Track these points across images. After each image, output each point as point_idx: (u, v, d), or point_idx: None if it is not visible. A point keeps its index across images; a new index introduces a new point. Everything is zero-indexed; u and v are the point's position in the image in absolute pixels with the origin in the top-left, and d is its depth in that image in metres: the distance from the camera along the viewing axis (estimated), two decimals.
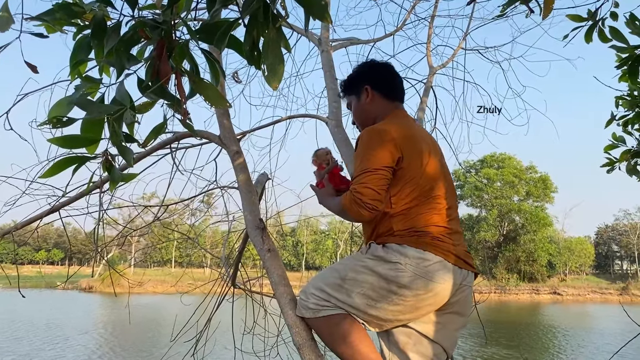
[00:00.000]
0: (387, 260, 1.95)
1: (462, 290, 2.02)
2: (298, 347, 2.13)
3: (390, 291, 1.93)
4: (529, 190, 62.57)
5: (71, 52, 1.51)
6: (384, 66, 2.36)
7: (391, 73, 2.34)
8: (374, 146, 2.00)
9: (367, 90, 2.28)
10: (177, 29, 1.42)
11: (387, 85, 2.29)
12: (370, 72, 2.33)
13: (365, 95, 2.29)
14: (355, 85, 2.34)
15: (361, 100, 2.30)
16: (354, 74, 2.37)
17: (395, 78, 2.34)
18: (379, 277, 1.95)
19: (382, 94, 2.28)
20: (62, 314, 28.80)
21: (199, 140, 3.13)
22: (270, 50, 1.26)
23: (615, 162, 4.07)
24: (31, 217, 2.61)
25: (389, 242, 2.00)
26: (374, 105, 2.28)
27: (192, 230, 4.61)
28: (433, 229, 1.99)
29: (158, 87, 1.37)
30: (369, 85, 2.28)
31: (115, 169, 1.48)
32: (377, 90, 2.28)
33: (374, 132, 2.05)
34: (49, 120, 1.34)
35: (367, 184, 1.94)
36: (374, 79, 2.29)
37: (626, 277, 67.04)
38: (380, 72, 2.32)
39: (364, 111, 2.31)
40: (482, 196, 62.52)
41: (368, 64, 2.39)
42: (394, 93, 2.30)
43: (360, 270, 1.99)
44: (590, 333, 25.92)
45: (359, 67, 2.39)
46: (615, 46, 2.82)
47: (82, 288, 52.55)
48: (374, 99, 2.28)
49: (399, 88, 2.34)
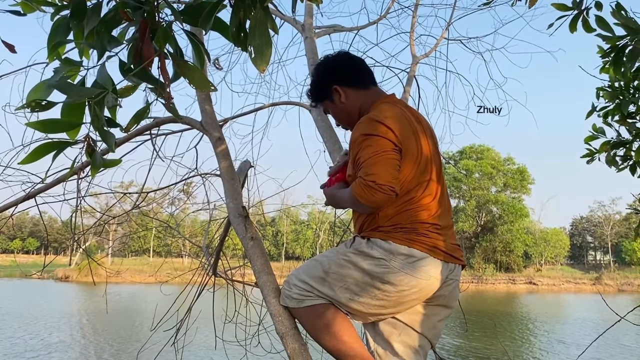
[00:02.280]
0: (371, 256, 1.93)
1: (448, 284, 2.00)
2: (281, 336, 2.12)
3: (374, 286, 1.91)
4: (506, 181, 63.48)
5: (49, 33, 1.46)
6: (341, 58, 2.24)
7: (350, 61, 2.23)
8: (372, 134, 1.91)
9: (337, 89, 2.17)
10: (160, 10, 1.38)
11: (353, 76, 2.18)
12: (331, 70, 2.21)
13: (337, 95, 2.18)
14: (323, 90, 2.22)
15: (336, 101, 2.19)
16: (317, 80, 2.25)
17: (356, 64, 2.23)
18: (363, 272, 1.93)
19: (353, 87, 2.17)
20: (38, 303, 28.39)
21: (180, 127, 3.08)
22: (257, 31, 1.23)
23: (595, 153, 4.12)
24: (5, 204, 2.53)
25: (373, 236, 1.96)
26: (351, 101, 2.17)
27: (171, 219, 4.55)
28: (419, 225, 1.94)
29: (141, 69, 1.33)
30: (336, 84, 2.17)
31: (97, 154, 1.43)
32: (346, 85, 2.16)
33: (368, 122, 1.96)
34: (28, 104, 1.29)
35: (376, 166, 1.83)
36: (338, 75, 2.17)
37: (599, 267, 68.67)
38: (340, 66, 2.20)
39: (344, 111, 2.20)
40: (460, 187, 63.21)
41: (324, 64, 2.26)
42: (363, 79, 2.19)
43: (344, 265, 1.97)
44: (567, 322, 26.48)
45: (318, 72, 2.27)
46: (601, 35, 2.83)
47: (58, 277, 51.87)
48: (347, 95, 2.16)
49: (366, 71, 2.23)
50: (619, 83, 3.75)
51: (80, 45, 1.47)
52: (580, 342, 18.89)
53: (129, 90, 1.52)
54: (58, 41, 1.44)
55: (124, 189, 19.87)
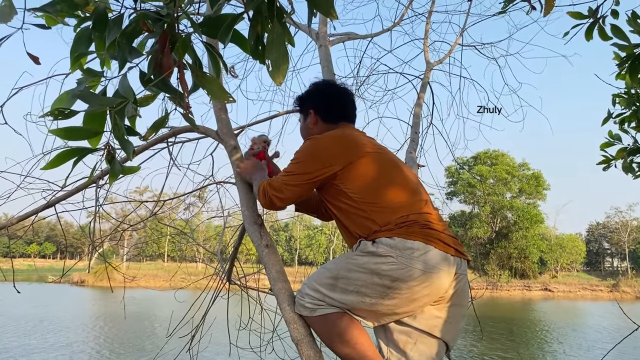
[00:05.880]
0: (378, 254, 1.95)
1: (459, 280, 2.01)
2: (296, 343, 2.13)
3: (384, 286, 1.93)
4: (521, 187, 62.85)
5: (72, 44, 1.50)
6: (332, 91, 2.47)
7: (339, 97, 2.45)
8: (307, 154, 2.16)
9: (312, 114, 2.42)
10: (179, 22, 1.41)
11: (331, 112, 2.42)
12: (317, 97, 2.46)
13: (310, 118, 2.43)
14: (303, 106, 2.49)
15: (307, 121, 2.46)
16: (305, 95, 2.51)
17: (342, 102, 2.44)
18: (371, 273, 1.94)
19: (324, 120, 2.40)
20: (55, 307, 28.68)
21: (196, 135, 3.11)
22: (274, 45, 1.25)
23: (612, 160, 4.08)
24: (27, 212, 2.58)
25: (378, 237, 2.00)
26: (316, 128, 2.40)
27: (187, 225, 4.59)
28: (418, 216, 2.02)
29: (160, 80, 1.36)
30: (314, 110, 2.42)
31: (116, 162, 1.46)
32: (320, 115, 2.41)
33: (313, 140, 2.19)
34: (51, 112, 1.32)
35: (282, 180, 2.15)
36: (320, 104, 2.43)
37: (617, 274, 67.60)
38: (326, 99, 2.44)
39: (307, 132, 2.45)
40: (475, 193, 62.75)
41: (318, 87, 2.50)
42: (339, 116, 2.41)
43: (352, 268, 1.99)
44: (584, 329, 26.12)
45: (309, 89, 2.52)
46: (617, 44, 2.82)
47: (74, 282, 52.37)
48: (317, 122, 2.41)
49: (346, 111, 2.45)
50: (636, 90, 3.71)
51: (102, 56, 1.50)
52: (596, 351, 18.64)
53: (148, 100, 1.56)
54: (81, 52, 1.48)
55: (140, 194, 20.00)
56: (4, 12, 1.22)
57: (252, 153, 2.59)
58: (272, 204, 2.20)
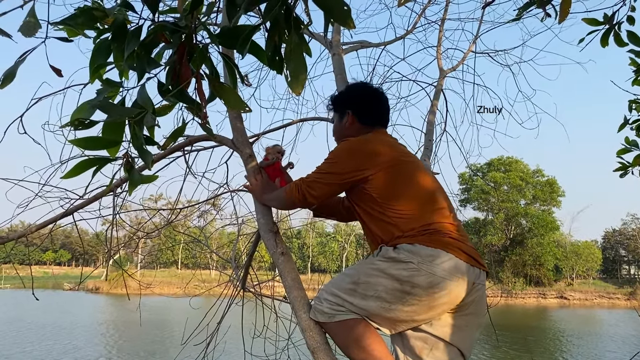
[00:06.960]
0: (399, 260, 1.96)
1: (477, 290, 2.02)
2: (312, 351, 2.13)
3: (404, 292, 1.93)
4: (535, 194, 62.21)
5: (91, 55, 1.52)
6: (372, 94, 2.45)
7: (378, 101, 2.43)
8: (343, 155, 2.17)
9: (349, 114, 2.39)
10: (197, 33, 1.43)
11: (370, 115, 2.40)
12: (357, 98, 2.43)
13: (346, 118, 2.40)
14: (340, 105, 2.46)
15: (342, 121, 2.43)
16: (343, 95, 2.50)
17: (381, 106, 2.43)
18: (392, 278, 1.95)
19: (361, 122, 2.38)
20: (71, 315, 28.91)
21: (212, 143, 3.13)
22: (292, 56, 1.26)
23: (628, 167, 4.04)
24: (46, 220, 2.61)
25: (399, 243, 2.01)
26: (352, 130, 2.38)
27: (201, 233, 4.61)
28: (440, 225, 2.03)
29: (178, 90, 1.38)
30: (352, 111, 2.39)
31: (135, 171, 1.48)
32: (358, 117, 2.38)
33: (349, 142, 2.21)
34: (71, 122, 1.35)
35: (315, 178, 2.16)
36: (359, 107, 2.40)
37: (634, 281, 66.45)
38: (366, 102, 2.41)
39: (341, 132, 2.43)
40: (488, 200, 62.23)
41: (358, 89, 2.50)
42: (376, 121, 2.40)
43: (373, 274, 2.00)
44: (600, 338, 25.73)
45: (349, 89, 2.52)
46: (633, 50, 2.80)
47: (89, 289, 52.81)
48: (353, 123, 2.39)
49: (383, 116, 2.44)
50: None
51: (121, 67, 1.52)
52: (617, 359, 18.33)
53: (166, 110, 1.58)
54: (100, 63, 1.50)
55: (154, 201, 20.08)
56: (28, 26, 1.25)
57: (266, 164, 2.59)
58: (304, 200, 2.19)
